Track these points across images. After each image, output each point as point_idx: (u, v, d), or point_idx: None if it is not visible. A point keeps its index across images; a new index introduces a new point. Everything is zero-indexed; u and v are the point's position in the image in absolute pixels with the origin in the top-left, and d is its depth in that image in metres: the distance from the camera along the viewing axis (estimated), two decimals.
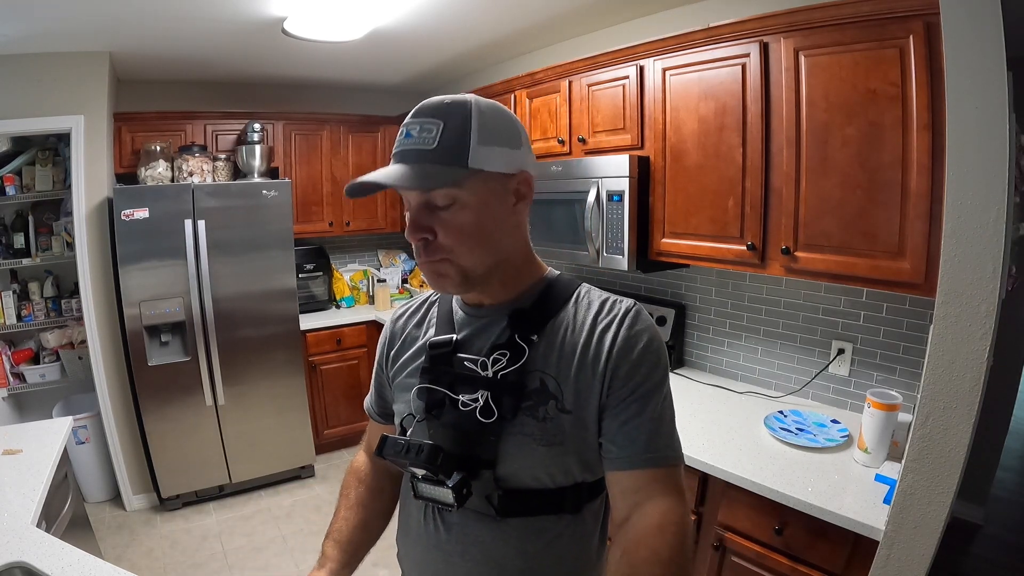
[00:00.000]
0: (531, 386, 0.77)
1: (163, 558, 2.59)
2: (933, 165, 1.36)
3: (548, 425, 0.77)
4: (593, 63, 2.24)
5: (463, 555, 0.82)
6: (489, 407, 0.78)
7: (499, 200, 0.77)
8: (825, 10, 1.51)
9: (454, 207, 0.74)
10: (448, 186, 0.73)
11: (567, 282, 0.86)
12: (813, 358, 1.99)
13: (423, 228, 0.75)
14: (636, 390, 0.77)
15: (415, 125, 0.74)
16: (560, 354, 0.79)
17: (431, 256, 0.76)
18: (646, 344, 0.79)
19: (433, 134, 0.73)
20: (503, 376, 0.78)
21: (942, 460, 1.13)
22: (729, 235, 1.83)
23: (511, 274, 0.83)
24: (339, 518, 1.04)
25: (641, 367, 0.78)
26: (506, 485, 0.78)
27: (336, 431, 3.61)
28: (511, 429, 0.77)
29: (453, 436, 0.79)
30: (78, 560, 1.20)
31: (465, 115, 0.74)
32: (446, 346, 0.84)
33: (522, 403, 0.77)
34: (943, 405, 1.12)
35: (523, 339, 0.79)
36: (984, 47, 1.02)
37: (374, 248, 4.25)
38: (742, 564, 1.55)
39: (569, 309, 0.82)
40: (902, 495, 1.19)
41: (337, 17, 2.37)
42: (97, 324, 2.82)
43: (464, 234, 0.75)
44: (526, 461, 0.77)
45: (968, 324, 1.08)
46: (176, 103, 3.32)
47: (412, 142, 0.74)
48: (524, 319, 0.81)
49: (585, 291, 0.85)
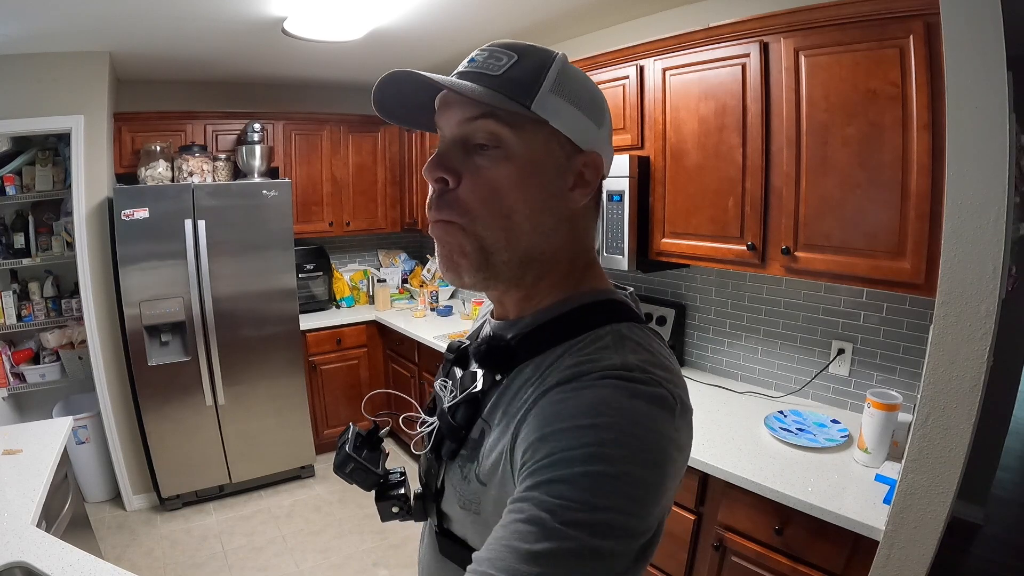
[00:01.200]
0: (473, 435, 0.62)
1: (163, 558, 2.59)
2: (933, 165, 1.36)
3: (467, 488, 0.61)
4: (593, 63, 2.24)
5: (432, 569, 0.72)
6: (438, 439, 0.66)
7: (554, 171, 0.58)
8: (825, 10, 1.51)
9: (495, 152, 0.56)
10: (497, 119, 0.55)
11: (595, 315, 0.60)
12: (813, 358, 1.99)
13: (446, 167, 0.57)
14: (534, 480, 0.48)
15: (483, 52, 0.59)
16: (505, 410, 0.59)
17: (443, 211, 0.57)
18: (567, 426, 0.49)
19: (502, 62, 0.57)
20: (450, 409, 0.64)
21: (942, 460, 1.13)
22: (729, 235, 1.83)
23: (556, 281, 0.62)
24: None
25: (551, 439, 0.49)
26: (444, 524, 0.67)
27: (336, 431, 3.61)
28: (447, 472, 0.65)
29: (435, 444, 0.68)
30: (78, 560, 1.20)
31: (546, 58, 0.58)
32: (452, 352, 0.72)
33: (460, 450, 0.63)
34: (943, 405, 1.12)
35: (490, 372, 0.62)
36: (984, 47, 1.02)
37: (374, 248, 4.25)
38: (742, 564, 1.55)
39: (563, 349, 0.58)
40: (902, 495, 1.19)
41: (337, 17, 2.37)
42: (97, 324, 2.82)
43: (496, 193, 0.56)
44: (453, 512, 0.65)
45: (968, 324, 1.08)
46: (176, 103, 3.32)
47: (474, 66, 0.58)
48: (502, 349, 0.62)
49: (606, 332, 0.58)
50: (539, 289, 0.62)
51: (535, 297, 0.63)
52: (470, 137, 0.57)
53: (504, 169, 0.56)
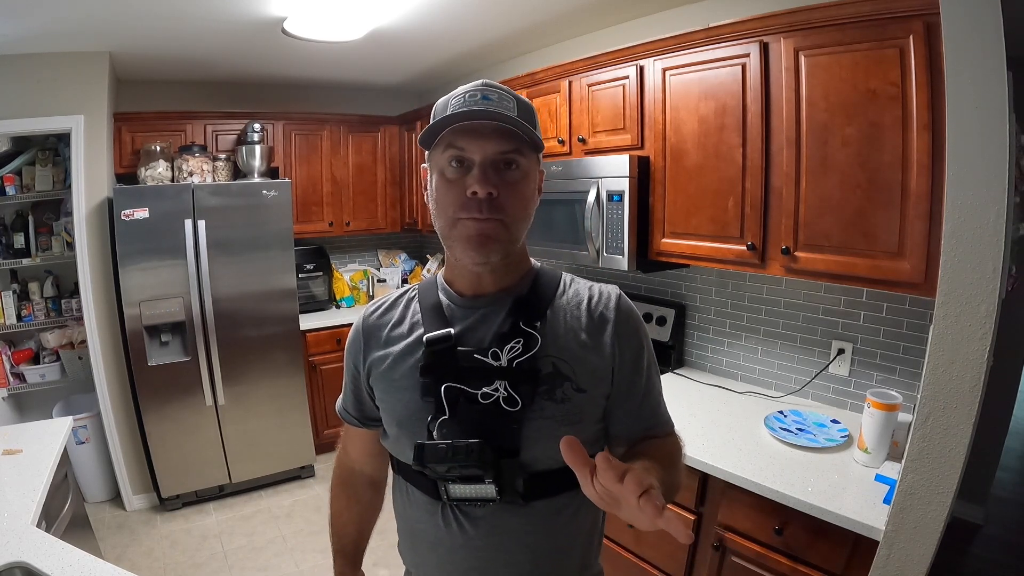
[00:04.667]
0: (544, 371, 0.80)
1: (163, 558, 2.59)
2: (933, 165, 1.36)
3: (567, 406, 0.80)
4: (593, 63, 2.24)
5: (497, 547, 0.82)
6: (512, 396, 0.79)
7: (535, 184, 0.84)
8: (825, 10, 1.51)
9: (517, 172, 0.79)
10: (527, 148, 0.79)
11: (551, 272, 0.91)
12: (813, 358, 1.99)
13: (492, 183, 0.76)
14: (641, 369, 0.86)
15: (491, 91, 0.79)
16: (566, 338, 0.83)
17: (493, 212, 0.77)
18: (640, 326, 0.88)
19: (511, 105, 0.79)
20: (518, 364, 0.80)
21: (942, 460, 1.13)
22: (729, 235, 1.83)
23: (516, 260, 0.87)
24: (347, 535, 1.09)
25: (643, 349, 0.87)
26: (530, 470, 0.79)
27: (336, 431, 3.54)
28: (531, 415, 0.78)
29: (474, 430, 0.78)
30: (78, 560, 1.20)
31: (527, 103, 0.83)
32: (446, 340, 0.83)
33: (539, 388, 0.79)
34: (943, 405, 1.12)
35: (529, 326, 0.82)
36: (984, 47, 1.02)
37: (374, 248, 4.25)
38: (742, 564, 1.55)
39: (561, 296, 0.87)
40: (902, 495, 1.19)
41: (337, 17, 2.37)
42: (97, 324, 2.82)
43: (521, 200, 0.80)
44: (547, 444, 0.77)
45: (968, 324, 1.08)
46: (176, 103, 3.32)
47: (493, 105, 0.77)
48: (526, 307, 0.84)
49: (570, 279, 0.91)
50: (515, 263, 0.87)
51: (513, 270, 0.87)
52: (501, 159, 0.78)
53: (524, 184, 0.80)
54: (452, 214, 0.79)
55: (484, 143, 0.76)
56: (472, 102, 0.77)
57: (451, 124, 0.76)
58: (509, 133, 0.76)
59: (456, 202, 0.78)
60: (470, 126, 0.76)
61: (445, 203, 0.79)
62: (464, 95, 0.79)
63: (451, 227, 0.79)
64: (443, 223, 0.81)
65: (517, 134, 0.77)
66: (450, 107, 0.79)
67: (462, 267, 0.85)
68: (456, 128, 0.77)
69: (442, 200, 0.80)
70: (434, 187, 0.81)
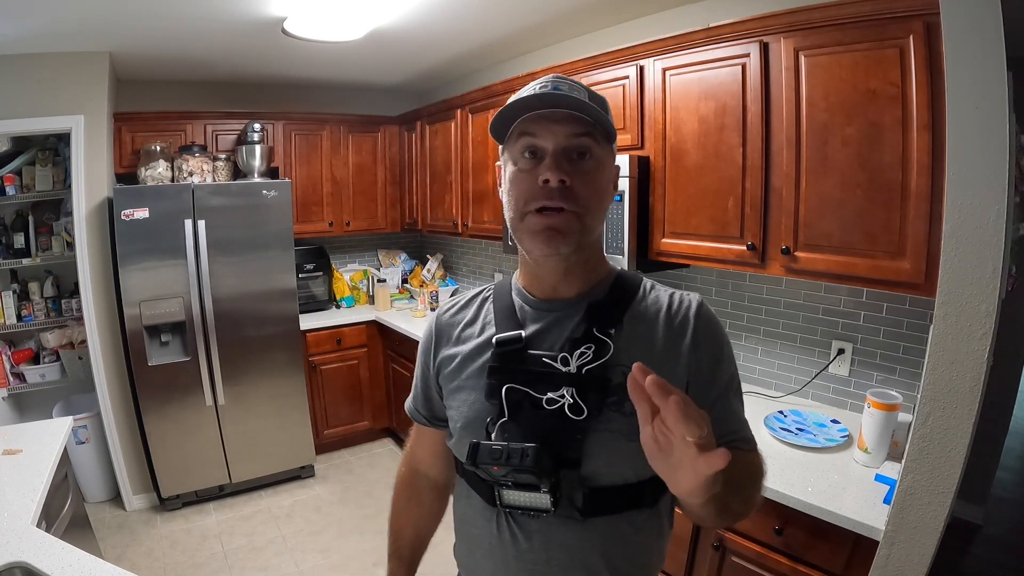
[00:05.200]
0: (615, 381, 0.75)
1: (163, 558, 2.59)
2: (933, 165, 1.36)
3: (635, 420, 0.71)
4: (593, 63, 2.24)
5: (548, 562, 0.79)
6: (577, 404, 0.75)
7: (610, 177, 0.81)
8: (825, 10, 1.51)
9: (591, 161, 0.76)
10: (592, 137, 0.76)
11: (631, 276, 0.87)
12: (813, 358, 1.99)
13: (565, 171, 0.74)
14: (717, 379, 0.80)
15: (561, 83, 0.77)
16: (640, 347, 0.78)
17: (565, 202, 0.74)
18: (720, 337, 0.82)
19: (582, 94, 0.76)
20: (587, 371, 0.77)
21: (942, 460, 1.13)
22: (729, 235, 1.83)
23: (593, 259, 0.84)
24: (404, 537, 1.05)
25: (722, 361, 0.81)
26: (591, 484, 0.76)
27: (336, 431, 3.61)
28: (597, 426, 0.75)
29: (535, 436, 0.74)
30: (78, 560, 1.20)
31: (599, 95, 0.80)
32: (516, 342, 0.81)
33: (607, 398, 0.75)
34: (943, 405, 1.12)
35: (602, 332, 0.78)
36: (984, 47, 1.02)
37: (374, 248, 4.25)
38: (742, 564, 1.55)
39: (639, 303, 0.83)
40: (902, 495, 1.19)
41: (337, 17, 2.37)
42: (97, 324, 2.82)
43: (595, 191, 0.77)
44: (612, 457, 0.75)
45: (968, 324, 1.08)
46: (176, 103, 3.32)
47: (564, 93, 0.75)
48: (601, 312, 0.80)
49: (650, 285, 0.86)
50: (592, 263, 0.84)
51: (590, 271, 0.84)
52: (572, 148, 0.75)
53: (598, 174, 0.77)
54: (523, 206, 0.77)
55: (556, 128, 0.75)
56: (542, 90, 0.76)
57: (519, 109, 0.75)
58: (580, 119, 0.75)
59: (528, 192, 0.76)
60: (541, 113, 0.75)
61: (516, 194, 0.77)
62: (535, 86, 0.77)
63: (521, 220, 0.78)
64: (513, 215, 0.79)
65: (588, 120, 0.75)
66: (533, 88, 0.78)
67: (535, 268, 0.83)
68: (528, 117, 0.76)
69: (514, 191, 0.78)
70: (508, 179, 0.80)
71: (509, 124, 0.78)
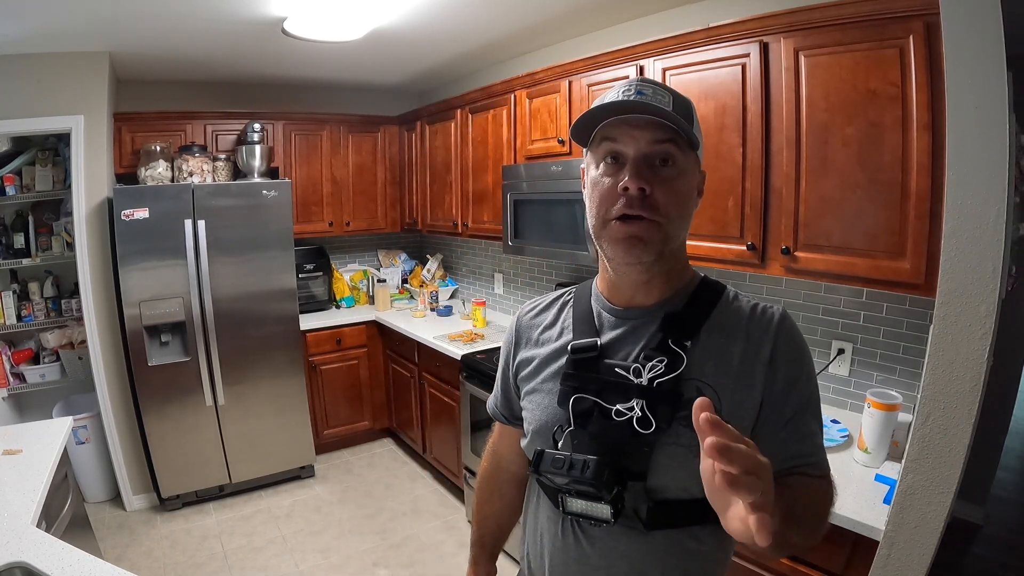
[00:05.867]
0: (687, 395, 0.74)
1: (163, 558, 2.59)
2: (933, 165, 1.36)
3: None
4: (593, 63, 2.24)
5: (608, 570, 0.79)
6: (646, 417, 0.74)
7: (694, 184, 0.79)
8: (825, 10, 1.51)
9: (672, 168, 0.75)
10: (675, 144, 0.74)
11: (714, 285, 0.84)
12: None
13: (646, 179, 0.73)
14: (792, 395, 0.77)
15: (645, 87, 0.75)
16: (715, 361, 0.76)
17: (645, 210, 0.73)
18: (802, 353, 0.80)
19: (666, 100, 0.75)
20: (659, 384, 0.75)
21: (942, 460, 1.13)
22: (729, 235, 1.83)
23: (676, 268, 0.82)
24: (487, 527, 1.10)
25: (799, 381, 0.78)
26: (656, 497, 0.75)
27: (336, 431, 3.61)
28: (665, 440, 0.74)
29: (602, 447, 0.75)
30: (78, 560, 1.20)
31: (687, 101, 0.79)
32: (591, 350, 0.81)
33: (678, 413, 0.73)
34: (943, 405, 1.12)
35: (677, 344, 0.77)
36: (984, 47, 1.02)
37: (374, 248, 4.25)
38: (742, 564, 1.54)
39: (719, 314, 0.80)
40: (902, 495, 1.19)
41: (337, 17, 2.37)
42: (97, 324, 2.82)
43: (677, 199, 0.75)
44: (679, 472, 0.73)
45: (968, 324, 1.08)
46: (176, 103, 3.32)
47: (647, 99, 0.74)
48: (678, 323, 0.78)
49: (733, 295, 0.83)
50: (675, 271, 0.82)
51: (672, 278, 0.82)
52: (654, 155, 0.74)
53: (680, 182, 0.76)
54: (604, 213, 0.76)
55: (637, 134, 0.74)
56: (624, 97, 0.75)
57: (601, 115, 0.75)
58: (663, 124, 0.73)
59: (608, 199, 0.75)
60: (623, 118, 0.74)
61: (598, 200, 0.77)
62: (619, 90, 0.76)
63: (603, 227, 0.77)
64: (595, 222, 0.78)
65: (671, 126, 0.73)
66: (616, 93, 0.77)
67: (614, 276, 0.83)
68: (610, 122, 0.75)
69: (595, 196, 0.77)
70: (589, 184, 0.79)
71: (591, 128, 0.77)
